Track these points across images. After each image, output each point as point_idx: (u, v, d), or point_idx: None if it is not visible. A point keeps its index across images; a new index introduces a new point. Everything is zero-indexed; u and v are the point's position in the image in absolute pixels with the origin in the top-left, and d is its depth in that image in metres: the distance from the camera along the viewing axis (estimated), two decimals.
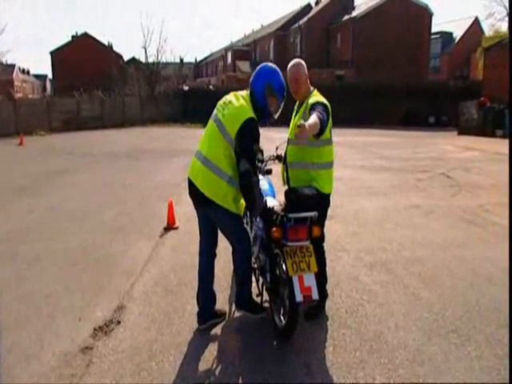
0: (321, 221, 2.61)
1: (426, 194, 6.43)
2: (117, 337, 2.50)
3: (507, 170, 9.01)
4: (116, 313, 2.78)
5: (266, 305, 2.76)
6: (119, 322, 2.66)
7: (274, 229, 2.38)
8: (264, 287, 2.76)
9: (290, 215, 2.32)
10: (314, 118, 2.27)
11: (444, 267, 3.64)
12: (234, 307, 2.78)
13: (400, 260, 3.78)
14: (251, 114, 2.38)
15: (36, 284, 3.26)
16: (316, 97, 2.59)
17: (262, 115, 2.46)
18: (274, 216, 2.45)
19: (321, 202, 2.55)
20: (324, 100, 2.56)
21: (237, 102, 2.43)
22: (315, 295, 2.28)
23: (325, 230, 2.76)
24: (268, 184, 3.04)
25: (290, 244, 2.33)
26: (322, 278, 2.66)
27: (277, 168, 3.33)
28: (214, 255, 2.73)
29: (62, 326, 2.63)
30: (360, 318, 2.77)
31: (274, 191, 3.06)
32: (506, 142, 13.63)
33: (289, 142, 2.71)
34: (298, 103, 2.73)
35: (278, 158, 3.00)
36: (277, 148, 3.07)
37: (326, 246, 2.87)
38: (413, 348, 2.44)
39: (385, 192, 6.56)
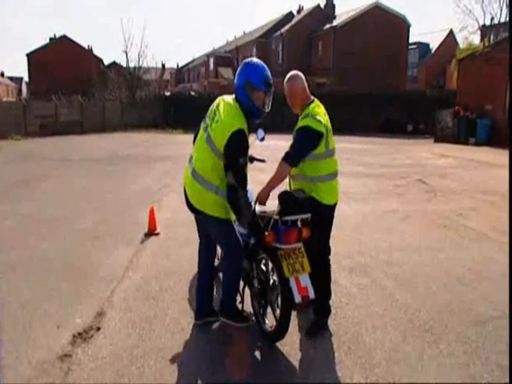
0: (325, 232, 2.66)
1: (403, 200, 6.63)
2: (96, 343, 2.47)
3: (481, 176, 9.38)
4: (96, 319, 2.74)
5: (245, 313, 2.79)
6: (99, 329, 2.63)
7: (267, 233, 2.40)
8: (244, 293, 2.79)
9: (287, 218, 2.36)
10: (267, 185, 2.48)
11: (419, 270, 3.78)
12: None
13: (378, 263, 3.90)
14: (239, 124, 2.32)
15: (12, 292, 3.17)
16: (310, 113, 2.51)
17: (252, 113, 2.43)
18: (264, 220, 2.46)
19: (323, 213, 2.57)
20: (310, 121, 2.45)
21: (224, 112, 2.39)
22: (312, 294, 2.35)
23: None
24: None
25: (284, 247, 2.37)
26: (325, 293, 2.70)
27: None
28: (214, 255, 2.75)
29: (39, 334, 2.57)
30: (339, 320, 2.84)
31: (252, 198, 3.10)
32: (479, 149, 14.25)
33: None
34: (299, 114, 2.67)
35: (248, 158, 3.01)
36: None
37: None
38: (389, 348, 2.53)
39: (363, 198, 6.73)
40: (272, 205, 2.53)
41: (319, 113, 2.56)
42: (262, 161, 3.04)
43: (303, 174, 2.58)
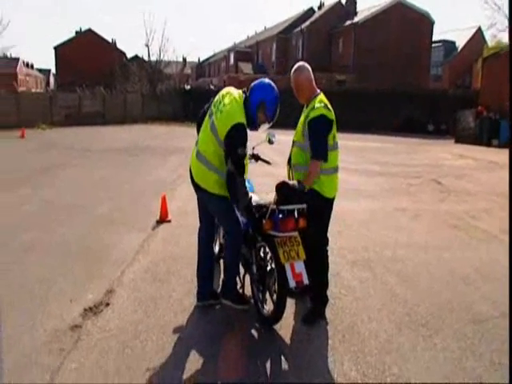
0: (325, 224, 2.76)
1: (414, 199, 6.59)
2: (105, 317, 2.66)
3: (498, 178, 9.13)
4: (106, 296, 2.94)
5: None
6: (108, 305, 2.82)
7: (265, 221, 2.51)
8: (245, 279, 2.91)
9: (283, 207, 2.47)
10: (308, 177, 2.56)
11: (423, 267, 3.79)
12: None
13: (381, 259, 3.93)
14: (240, 118, 2.51)
15: (31, 270, 3.42)
16: (318, 104, 2.58)
17: (251, 124, 2.62)
18: (263, 209, 2.57)
19: (324, 206, 2.67)
20: (323, 111, 2.55)
21: (229, 104, 2.55)
22: (306, 280, 2.45)
23: None
24: (247, 182, 3.18)
25: (280, 235, 2.48)
26: (323, 283, 2.78)
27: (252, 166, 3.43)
28: (213, 239, 2.91)
29: (53, 307, 2.79)
30: (336, 311, 2.92)
31: (252, 188, 3.20)
32: (501, 151, 13.83)
33: (294, 144, 2.78)
34: (304, 105, 2.76)
35: (254, 157, 3.14)
36: (253, 148, 3.19)
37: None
38: (383, 338, 2.60)
39: (374, 195, 6.72)
40: (271, 196, 2.63)
41: (327, 103, 2.65)
42: (268, 162, 3.14)
43: (307, 165, 2.63)
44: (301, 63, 2.75)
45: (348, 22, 29.33)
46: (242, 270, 2.91)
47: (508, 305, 2.72)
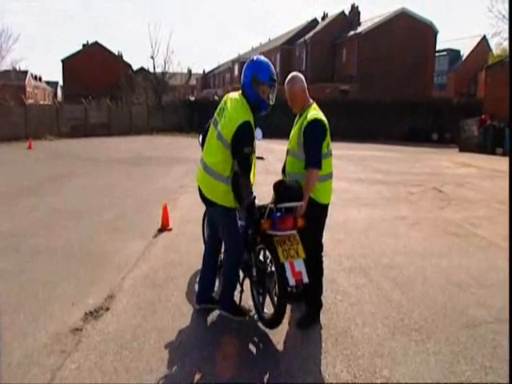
0: (320, 230, 2.80)
1: (414, 207, 6.63)
2: (105, 321, 2.75)
3: (500, 186, 9.10)
4: (106, 301, 3.04)
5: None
6: (108, 309, 2.92)
7: (263, 221, 2.54)
8: (244, 283, 2.97)
9: (281, 205, 2.50)
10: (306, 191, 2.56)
11: (420, 274, 3.83)
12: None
13: (378, 266, 3.98)
14: (244, 117, 2.50)
15: (35, 274, 3.54)
16: (312, 112, 2.66)
17: (259, 106, 2.59)
18: (262, 209, 2.61)
19: (319, 212, 2.71)
20: (318, 116, 2.63)
21: (231, 107, 2.59)
22: (305, 279, 2.46)
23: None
24: None
25: (279, 233, 2.50)
26: (318, 288, 2.83)
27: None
28: (219, 247, 2.96)
29: (56, 309, 2.90)
30: (330, 315, 2.97)
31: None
32: (505, 159, 13.80)
33: (288, 152, 2.85)
34: (298, 115, 2.84)
35: None
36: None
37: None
38: (375, 342, 2.64)
39: (375, 204, 6.77)
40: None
41: (320, 112, 2.73)
42: (261, 158, 3.24)
43: (301, 173, 2.70)
44: (294, 73, 2.83)
45: (351, 33, 29.69)
46: (241, 275, 2.97)
47: (508, 308, 2.75)
